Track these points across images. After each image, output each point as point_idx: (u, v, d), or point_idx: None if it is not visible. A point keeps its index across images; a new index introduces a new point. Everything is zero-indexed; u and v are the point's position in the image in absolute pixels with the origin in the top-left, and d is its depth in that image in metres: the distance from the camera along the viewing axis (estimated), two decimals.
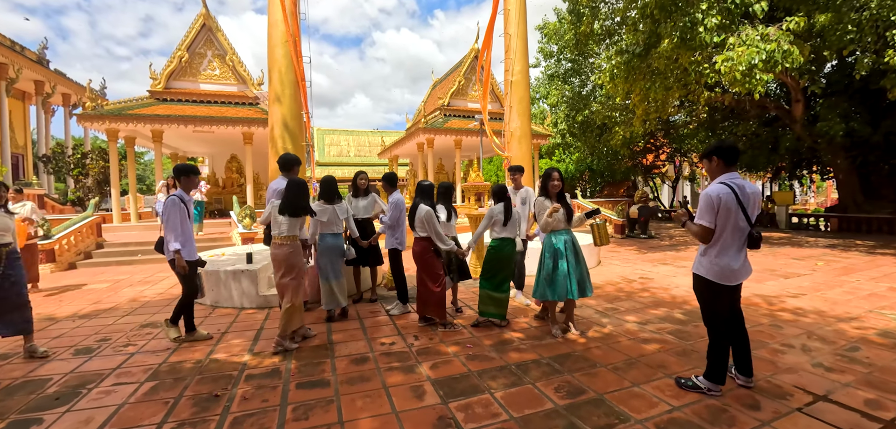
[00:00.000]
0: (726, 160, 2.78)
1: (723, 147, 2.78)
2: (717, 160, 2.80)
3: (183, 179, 4.03)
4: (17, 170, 18.87)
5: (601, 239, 4.17)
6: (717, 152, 2.79)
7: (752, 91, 8.35)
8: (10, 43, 17.05)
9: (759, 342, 3.83)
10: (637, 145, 20.87)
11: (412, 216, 4.33)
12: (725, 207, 2.67)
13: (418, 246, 4.34)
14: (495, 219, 4.25)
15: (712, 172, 2.85)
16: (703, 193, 2.75)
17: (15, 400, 2.99)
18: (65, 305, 5.85)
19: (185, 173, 4.02)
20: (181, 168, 4.01)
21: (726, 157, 2.77)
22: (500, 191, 4.38)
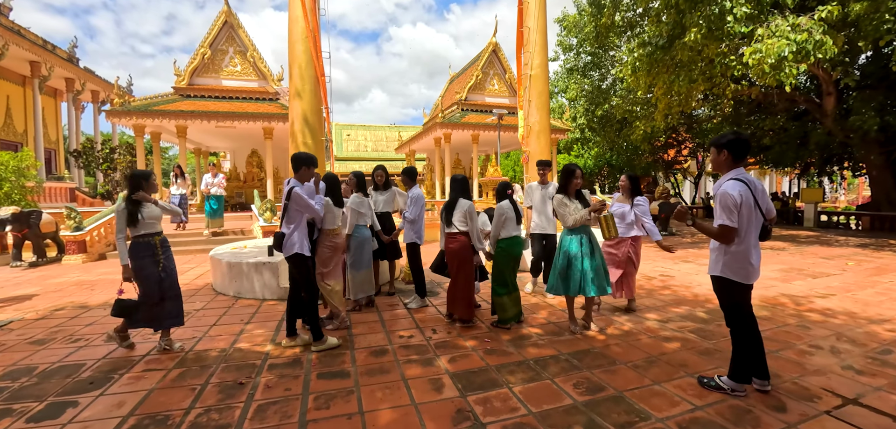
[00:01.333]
0: (736, 155, 2.67)
1: (735, 141, 2.65)
2: (727, 154, 2.68)
3: (303, 170, 3.74)
4: (49, 164, 19.65)
5: (609, 231, 4.08)
6: (728, 146, 2.67)
7: (783, 84, 8.08)
8: (42, 42, 17.71)
9: (785, 343, 3.73)
10: (658, 140, 20.42)
11: (450, 211, 4.14)
12: (746, 205, 2.59)
13: (456, 243, 4.13)
14: (507, 217, 4.16)
15: (719, 165, 2.74)
16: (721, 193, 2.63)
17: (52, 384, 3.14)
18: (97, 294, 6.09)
19: (306, 164, 3.74)
20: (301, 157, 3.75)
21: (736, 151, 2.67)
22: (504, 188, 4.30)
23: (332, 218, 4.05)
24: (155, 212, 3.66)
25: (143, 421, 2.59)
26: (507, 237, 4.17)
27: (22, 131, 18.50)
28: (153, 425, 2.55)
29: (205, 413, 2.68)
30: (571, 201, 3.96)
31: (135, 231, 3.57)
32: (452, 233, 4.15)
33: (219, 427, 2.51)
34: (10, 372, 3.35)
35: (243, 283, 5.62)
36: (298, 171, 3.73)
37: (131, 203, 3.54)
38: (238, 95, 15.85)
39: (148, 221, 3.59)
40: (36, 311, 5.22)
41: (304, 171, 3.73)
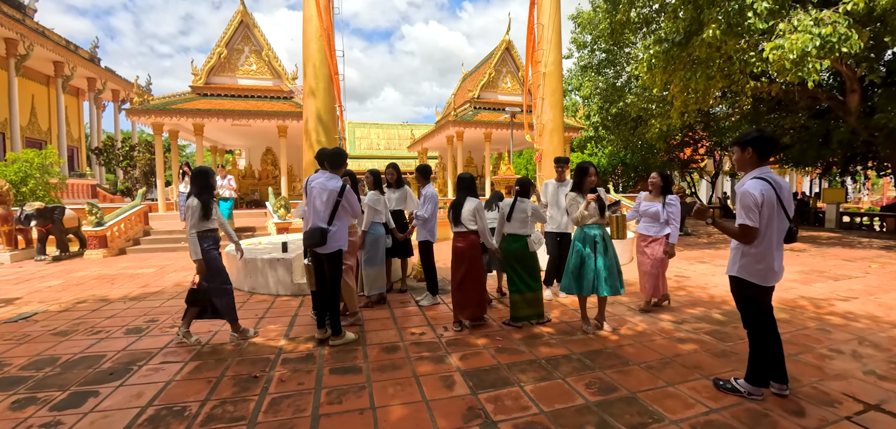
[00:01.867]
0: (760, 153, 2.59)
1: (760, 138, 2.57)
2: (752, 152, 2.60)
3: (343, 167, 3.83)
4: (72, 161, 20.22)
5: (618, 232, 4.04)
6: (753, 143, 2.58)
7: (805, 80, 7.86)
8: (65, 42, 18.21)
9: (804, 346, 3.64)
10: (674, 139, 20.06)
11: (458, 210, 4.09)
12: (768, 205, 2.51)
13: (465, 242, 4.08)
14: (503, 214, 4.17)
15: (743, 163, 2.65)
16: (743, 191, 2.56)
17: (74, 374, 3.24)
18: (117, 288, 6.25)
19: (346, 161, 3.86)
20: (343, 155, 3.82)
21: (761, 149, 2.58)
22: (526, 185, 4.29)
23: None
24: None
25: (161, 412, 2.66)
26: (507, 235, 4.18)
27: (46, 129, 19.05)
28: (170, 415, 2.61)
29: (220, 405, 2.73)
30: (584, 199, 3.93)
31: (205, 226, 3.69)
32: (461, 232, 4.11)
33: (234, 419, 2.56)
34: (35, 362, 3.46)
35: (258, 278, 5.71)
36: (340, 167, 3.78)
37: (207, 197, 3.68)
38: (253, 94, 16.06)
39: (215, 215, 3.76)
40: (59, 303, 5.38)
41: (343, 168, 3.83)
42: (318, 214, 3.63)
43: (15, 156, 12.24)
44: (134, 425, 2.52)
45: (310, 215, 3.73)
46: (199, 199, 3.63)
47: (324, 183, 3.65)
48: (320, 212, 3.61)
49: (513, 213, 4.11)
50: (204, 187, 3.69)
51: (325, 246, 3.61)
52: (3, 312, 4.97)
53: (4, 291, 6.12)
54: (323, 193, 3.63)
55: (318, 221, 3.62)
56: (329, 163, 3.78)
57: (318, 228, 3.58)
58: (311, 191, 3.70)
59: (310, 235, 3.60)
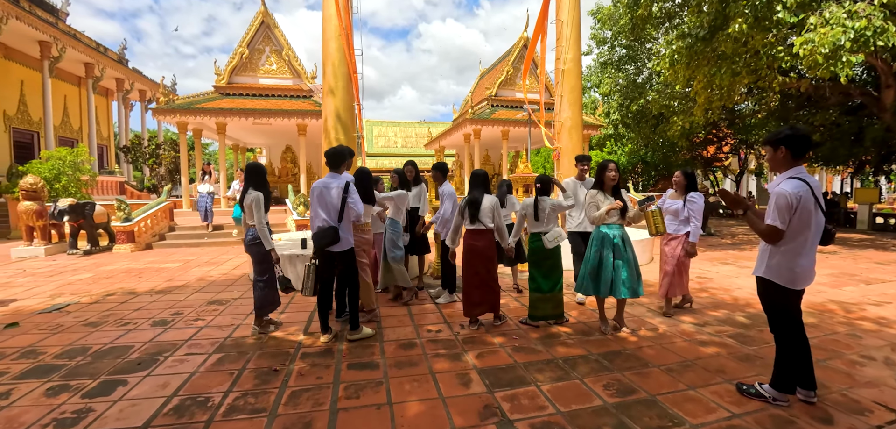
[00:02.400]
0: (795, 152, 2.49)
1: (794, 136, 2.48)
2: (785, 151, 2.50)
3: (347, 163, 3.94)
4: (101, 159, 20.97)
5: (657, 227, 3.97)
6: (787, 142, 2.49)
7: (837, 76, 7.56)
8: (95, 45, 18.88)
9: (833, 352, 3.51)
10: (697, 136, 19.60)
11: (476, 207, 3.98)
12: (805, 208, 2.42)
13: (484, 239, 4.02)
14: (527, 214, 4.12)
15: (777, 163, 2.56)
16: (777, 191, 2.47)
17: (104, 363, 3.36)
18: (144, 281, 6.46)
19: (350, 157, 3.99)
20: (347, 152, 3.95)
21: (796, 148, 2.48)
22: (547, 182, 4.26)
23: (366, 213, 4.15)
24: None
25: (186, 402, 2.74)
26: (531, 233, 4.14)
27: (77, 128, 19.82)
28: (195, 405, 2.70)
29: (242, 397, 2.80)
30: (606, 198, 3.86)
31: (264, 219, 3.84)
32: (479, 229, 4.03)
33: (255, 411, 2.62)
34: (68, 351, 3.61)
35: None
36: (338, 166, 3.84)
37: (267, 192, 3.89)
38: (273, 93, 16.36)
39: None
40: (89, 295, 5.60)
41: (345, 165, 3.87)
42: (329, 213, 3.66)
43: (49, 154, 12.77)
44: (160, 413, 2.61)
45: (316, 216, 3.74)
46: (262, 191, 3.84)
47: (328, 182, 3.71)
48: (331, 210, 3.65)
49: (537, 211, 4.08)
50: (262, 182, 3.90)
51: (339, 244, 3.65)
52: (38, 304, 5.20)
53: (39, 283, 6.40)
54: (330, 192, 3.66)
55: (329, 220, 3.66)
56: (329, 163, 3.84)
57: (330, 227, 3.62)
58: (316, 192, 3.72)
59: (322, 234, 3.61)
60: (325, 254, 3.72)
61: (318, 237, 3.63)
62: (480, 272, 4.03)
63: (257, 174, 3.92)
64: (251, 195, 3.82)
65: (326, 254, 3.72)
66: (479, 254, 4.04)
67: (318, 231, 3.66)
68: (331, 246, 3.66)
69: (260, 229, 3.81)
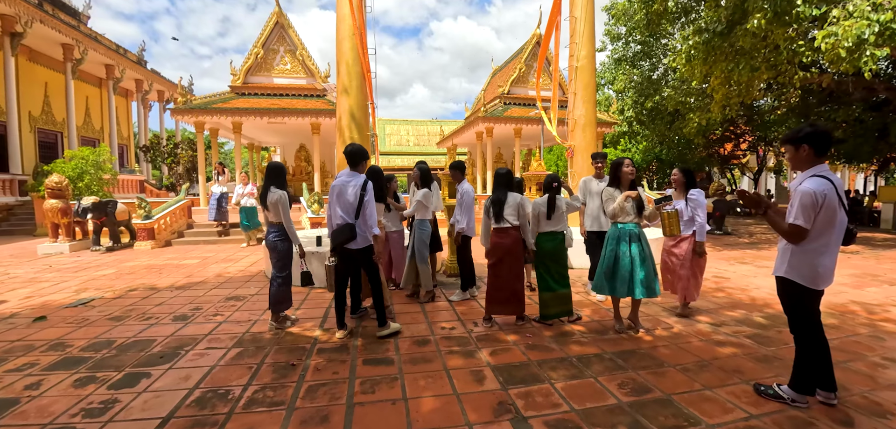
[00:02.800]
0: (817, 150, 2.44)
1: (816, 133, 2.43)
2: (808, 149, 2.45)
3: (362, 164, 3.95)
4: (122, 158, 21.51)
5: (671, 229, 3.93)
6: (809, 139, 2.44)
7: (861, 70, 7.35)
8: (115, 47, 19.34)
9: (855, 354, 3.44)
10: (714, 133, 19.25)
11: (500, 205, 3.98)
12: (829, 206, 2.38)
13: (509, 238, 4.01)
14: (539, 212, 4.10)
15: (799, 161, 2.51)
16: (802, 190, 2.42)
17: (128, 356, 3.47)
18: (164, 277, 6.63)
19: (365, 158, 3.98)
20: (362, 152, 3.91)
21: (818, 145, 2.44)
22: (549, 182, 4.23)
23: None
24: None
25: (207, 394, 2.82)
26: (542, 232, 4.12)
27: (99, 128, 20.35)
28: (216, 398, 2.77)
29: (261, 390, 2.87)
30: (621, 193, 3.84)
31: (291, 217, 3.99)
32: (504, 227, 4.01)
33: (273, 404, 2.69)
34: (93, 344, 3.74)
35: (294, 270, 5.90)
36: (358, 165, 3.85)
37: (288, 191, 4.05)
38: (288, 92, 16.56)
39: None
40: (113, 290, 5.76)
41: (362, 165, 3.90)
42: (346, 211, 3.69)
43: (72, 153, 13.14)
44: (183, 405, 2.69)
45: (334, 214, 3.77)
46: (285, 190, 3.99)
47: (346, 181, 3.72)
48: (348, 208, 3.67)
49: (552, 210, 4.07)
50: (283, 181, 4.04)
51: (356, 241, 3.68)
52: (65, 298, 5.38)
53: (64, 279, 6.61)
54: (347, 190, 3.69)
55: (346, 217, 3.68)
56: (348, 161, 3.83)
57: (347, 224, 3.65)
58: (335, 190, 3.75)
59: (339, 232, 3.65)
60: (343, 252, 3.77)
61: (335, 235, 3.69)
62: (505, 271, 4.01)
63: (278, 174, 4.01)
64: (275, 194, 3.91)
65: (345, 251, 3.77)
66: (504, 252, 4.02)
67: (336, 229, 3.71)
68: (347, 243, 3.70)
69: (288, 228, 3.95)
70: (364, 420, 2.51)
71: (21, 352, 3.57)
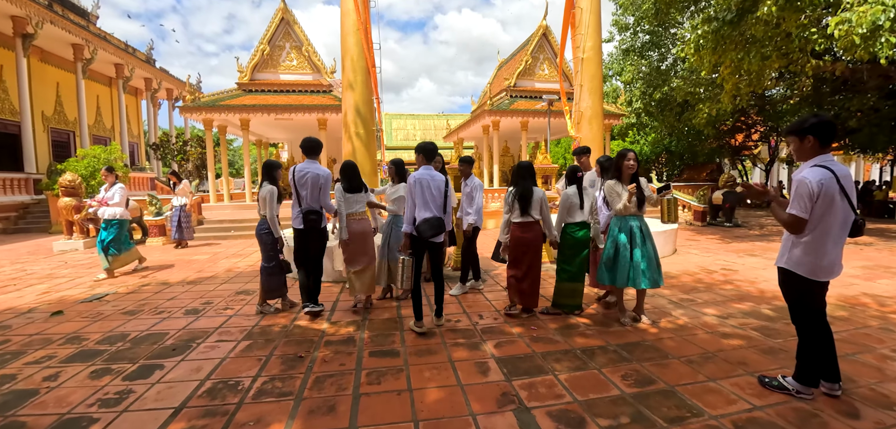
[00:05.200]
0: (822, 140, 2.42)
1: (820, 124, 2.40)
2: (813, 140, 2.42)
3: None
4: (132, 156, 21.82)
5: (669, 215, 3.91)
6: (813, 130, 2.41)
7: (876, 57, 7.20)
8: (124, 46, 19.58)
9: (864, 346, 3.41)
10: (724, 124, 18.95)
11: (527, 199, 3.94)
12: (827, 195, 2.35)
13: (533, 232, 4.00)
14: (571, 203, 4.10)
15: (803, 152, 2.49)
16: (799, 178, 2.41)
17: (142, 349, 3.56)
18: (175, 273, 6.75)
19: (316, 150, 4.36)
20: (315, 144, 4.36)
21: (823, 135, 2.41)
22: (573, 173, 4.23)
23: (350, 203, 4.33)
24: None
25: (218, 385, 2.89)
26: (572, 223, 4.12)
27: (109, 127, 20.66)
28: (226, 389, 2.84)
29: (270, 382, 2.93)
30: (625, 188, 3.82)
31: (275, 211, 4.24)
32: (528, 222, 3.98)
33: (282, 394, 2.75)
34: (108, 337, 3.84)
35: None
36: (312, 153, 4.31)
37: (279, 187, 4.35)
38: (295, 89, 16.64)
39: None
40: (126, 286, 5.89)
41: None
42: (435, 205, 3.70)
43: (84, 152, 13.38)
44: (194, 396, 2.76)
45: (425, 206, 3.68)
46: (274, 186, 4.31)
47: (431, 175, 3.74)
48: (435, 204, 3.71)
49: (583, 200, 4.08)
50: (274, 177, 4.35)
51: (441, 234, 3.75)
52: (80, 293, 5.51)
53: (79, 274, 6.76)
54: (433, 183, 3.71)
55: (435, 212, 3.70)
56: (424, 156, 3.85)
57: (438, 218, 3.66)
58: (421, 182, 3.66)
59: (434, 224, 3.64)
60: (429, 243, 3.79)
61: (428, 227, 3.66)
62: (529, 264, 4.03)
63: (270, 170, 4.35)
64: (265, 188, 4.22)
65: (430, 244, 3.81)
66: (527, 245, 4.01)
67: (428, 221, 3.68)
68: (435, 236, 3.72)
69: (270, 220, 4.20)
70: (370, 410, 2.56)
71: (39, 345, 3.68)
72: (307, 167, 4.21)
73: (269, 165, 4.35)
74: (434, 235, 3.67)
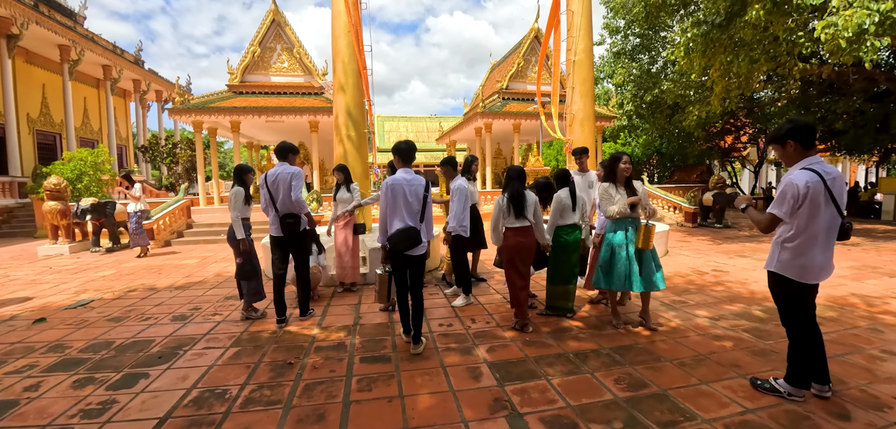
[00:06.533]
0: (804, 143, 2.44)
1: (797, 128, 2.42)
2: (794, 144, 2.45)
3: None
4: (120, 159, 21.50)
5: (644, 242, 3.76)
6: (792, 135, 2.43)
7: (861, 61, 7.31)
8: (112, 47, 19.29)
9: (853, 347, 3.44)
10: (714, 126, 19.16)
11: (521, 203, 3.79)
12: (813, 198, 2.37)
13: (529, 237, 3.85)
14: (564, 205, 4.09)
15: (788, 157, 2.51)
16: (786, 180, 2.44)
17: (127, 357, 3.48)
18: (163, 278, 6.64)
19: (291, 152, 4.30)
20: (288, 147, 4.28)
21: (804, 139, 2.43)
22: (564, 175, 4.22)
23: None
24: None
25: (204, 394, 2.82)
26: (563, 225, 4.11)
27: (97, 129, 20.33)
28: (213, 397, 2.78)
29: (258, 389, 2.87)
30: (619, 191, 3.81)
31: (246, 213, 4.21)
32: (524, 226, 3.82)
33: (270, 403, 2.69)
34: (92, 345, 3.75)
35: (291, 270, 5.89)
36: (284, 156, 4.23)
37: (247, 188, 4.27)
38: (286, 91, 16.52)
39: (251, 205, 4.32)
40: (112, 291, 5.77)
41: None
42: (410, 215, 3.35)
43: (71, 155, 13.14)
44: (180, 405, 2.69)
45: (397, 214, 3.36)
46: (242, 188, 4.25)
47: (408, 179, 3.39)
48: (415, 211, 3.38)
49: (575, 202, 4.08)
50: (243, 180, 4.29)
51: (419, 246, 3.39)
52: (64, 300, 5.39)
53: (64, 280, 6.62)
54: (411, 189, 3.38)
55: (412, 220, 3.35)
56: (400, 157, 3.54)
57: (412, 228, 3.31)
58: (394, 188, 3.35)
59: (408, 236, 3.28)
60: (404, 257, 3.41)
61: (402, 238, 3.32)
62: (523, 270, 3.89)
63: (240, 173, 4.32)
64: (232, 190, 4.21)
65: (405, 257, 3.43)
66: (525, 250, 3.85)
67: (400, 232, 3.33)
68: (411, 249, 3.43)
69: (233, 220, 4.17)
70: (360, 418, 2.51)
71: (21, 354, 3.58)
72: (278, 169, 4.08)
73: (240, 169, 4.31)
74: (409, 247, 3.28)
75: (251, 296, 4.35)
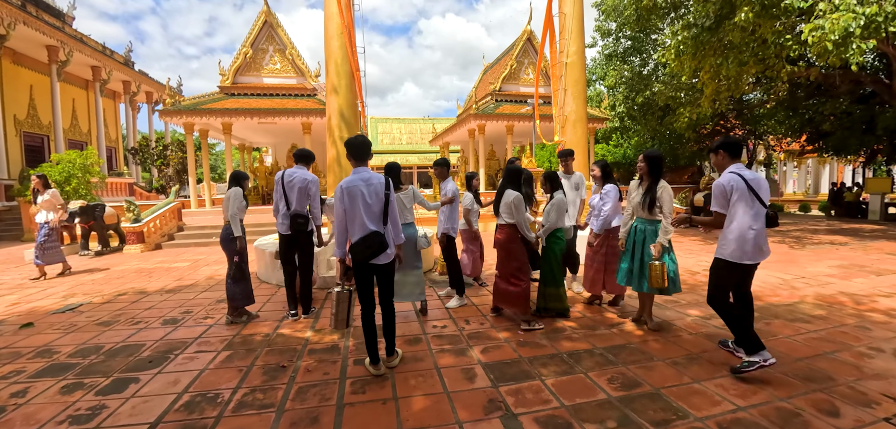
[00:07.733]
0: (731, 153, 3.10)
1: (728, 143, 3.11)
2: (724, 153, 3.12)
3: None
4: (110, 161, 21.21)
5: (653, 280, 3.69)
6: (723, 147, 3.12)
7: (848, 63, 7.44)
8: (101, 48, 19.04)
9: (841, 344, 3.49)
10: (704, 127, 19.40)
11: (498, 202, 3.98)
12: (737, 192, 2.94)
13: (502, 234, 3.96)
14: (564, 208, 4.13)
15: (720, 164, 3.14)
16: (715, 184, 3.03)
17: (116, 361, 3.43)
18: (154, 281, 6.56)
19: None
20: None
21: (731, 151, 3.10)
22: (553, 177, 4.25)
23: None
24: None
25: (196, 398, 2.79)
26: (559, 227, 4.15)
27: (86, 131, 20.04)
28: (205, 402, 2.75)
29: (250, 393, 2.85)
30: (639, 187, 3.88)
31: (237, 211, 4.19)
32: (499, 224, 4.00)
33: (263, 406, 2.67)
34: (81, 350, 3.69)
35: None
36: (303, 161, 4.47)
37: (245, 190, 4.34)
38: (278, 92, 16.43)
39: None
40: (102, 295, 5.69)
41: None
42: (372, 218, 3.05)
43: (59, 157, 12.93)
44: (171, 410, 2.66)
45: (356, 221, 3.04)
46: (239, 189, 4.27)
47: (365, 179, 3.12)
48: (376, 214, 3.09)
49: (568, 207, 4.15)
50: (239, 183, 4.35)
51: (385, 253, 3.05)
52: (52, 304, 5.30)
53: (52, 284, 6.51)
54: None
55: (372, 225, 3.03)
56: (353, 155, 3.15)
57: (376, 232, 2.99)
58: (350, 191, 3.02)
59: (372, 242, 2.95)
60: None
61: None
62: (502, 266, 4.03)
63: (238, 179, 4.36)
64: (229, 191, 4.21)
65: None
66: (499, 247, 4.04)
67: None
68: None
69: (231, 219, 4.15)
70: (354, 421, 2.50)
71: (7, 359, 3.51)
72: (296, 172, 4.34)
73: (236, 174, 4.36)
74: (374, 255, 2.93)
75: (241, 300, 4.30)
